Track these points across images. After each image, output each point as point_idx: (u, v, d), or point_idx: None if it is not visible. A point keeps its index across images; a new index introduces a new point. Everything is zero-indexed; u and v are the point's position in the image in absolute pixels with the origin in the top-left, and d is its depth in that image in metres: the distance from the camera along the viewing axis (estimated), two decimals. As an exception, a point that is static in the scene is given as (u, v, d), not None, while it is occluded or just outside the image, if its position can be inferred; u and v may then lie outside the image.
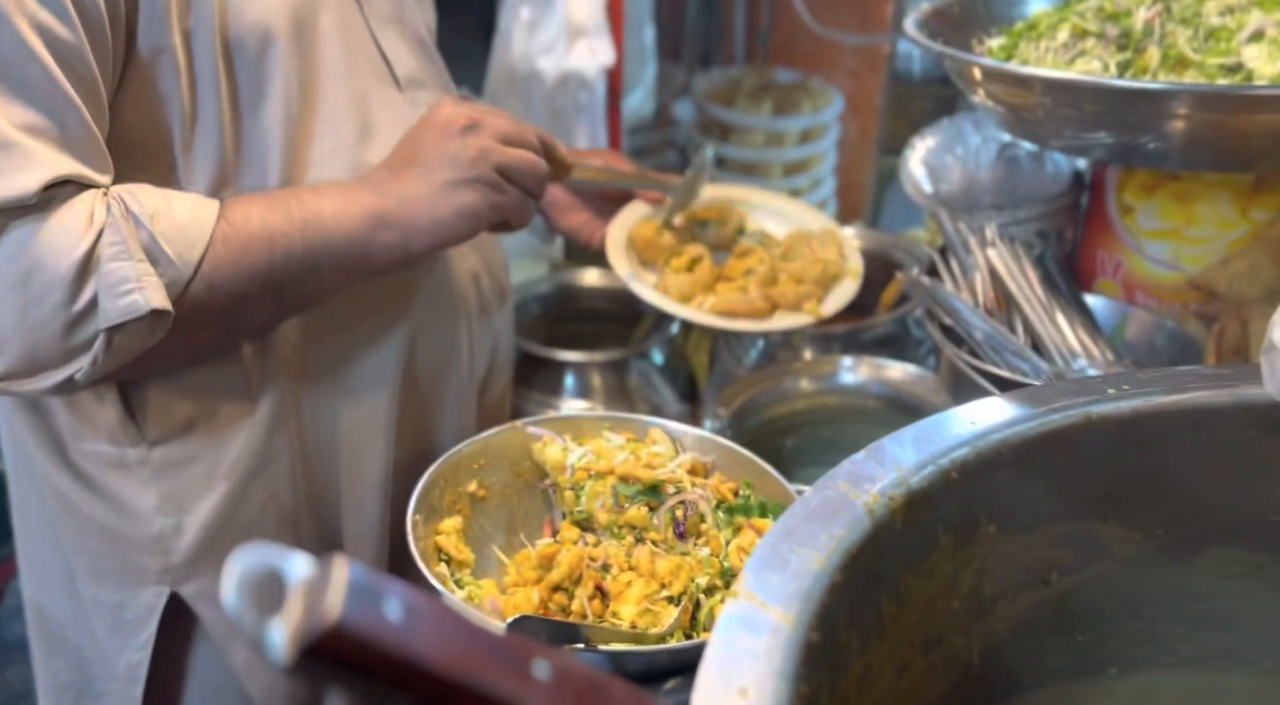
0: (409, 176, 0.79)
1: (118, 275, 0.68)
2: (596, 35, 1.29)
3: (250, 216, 0.74)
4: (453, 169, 0.78)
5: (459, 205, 0.79)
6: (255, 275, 0.74)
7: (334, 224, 0.76)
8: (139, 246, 0.70)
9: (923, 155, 1.08)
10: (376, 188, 0.78)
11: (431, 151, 0.79)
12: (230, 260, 0.73)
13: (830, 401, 1.06)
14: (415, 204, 0.78)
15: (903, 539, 0.53)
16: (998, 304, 0.96)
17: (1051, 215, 1.00)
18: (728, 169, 1.84)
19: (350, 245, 0.77)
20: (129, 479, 0.85)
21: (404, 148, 0.81)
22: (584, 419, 0.82)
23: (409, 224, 0.78)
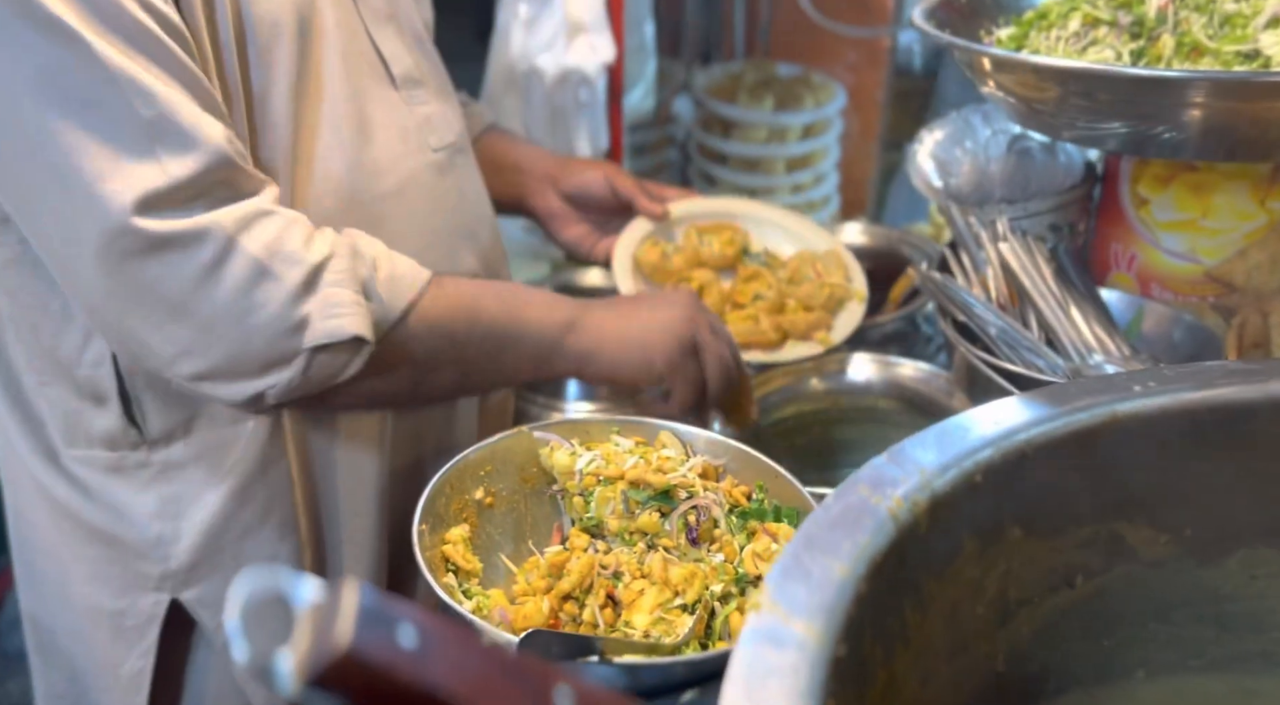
0: (616, 314, 0.85)
1: (335, 299, 0.71)
2: (596, 31, 1.27)
3: (462, 288, 0.80)
4: (661, 325, 0.84)
5: (647, 343, 0.84)
6: (454, 339, 0.79)
7: (536, 321, 0.82)
8: (358, 281, 0.73)
9: (931, 149, 1.06)
10: (581, 308, 0.84)
11: (649, 312, 0.86)
12: (433, 317, 0.77)
13: (841, 401, 1.04)
14: (610, 329, 0.83)
15: (927, 544, 0.51)
16: (1011, 299, 0.94)
17: (1064, 208, 0.98)
18: (729, 166, 1.82)
19: (541, 342, 0.82)
20: (127, 483, 0.84)
21: (620, 303, 0.88)
22: (592, 423, 0.81)
23: (596, 343, 0.83)
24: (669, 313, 0.85)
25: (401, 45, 0.89)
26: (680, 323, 0.85)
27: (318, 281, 0.71)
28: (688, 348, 0.85)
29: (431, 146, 0.91)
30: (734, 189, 1.83)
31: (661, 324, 0.85)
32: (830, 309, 1.06)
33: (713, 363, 0.87)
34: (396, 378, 0.78)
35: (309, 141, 0.80)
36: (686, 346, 0.85)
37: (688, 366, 0.86)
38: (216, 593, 0.88)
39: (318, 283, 0.71)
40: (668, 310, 0.85)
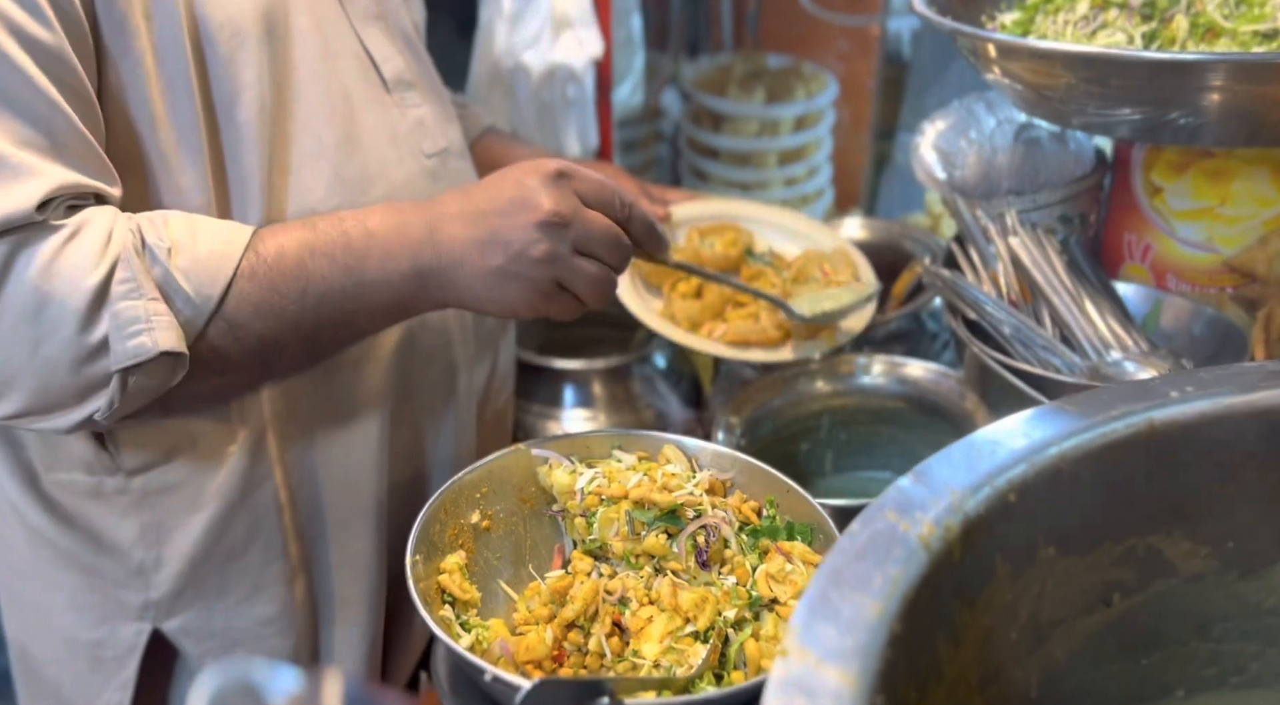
0: (470, 237, 0.71)
1: (127, 315, 0.64)
2: (583, 26, 1.23)
3: (285, 251, 0.69)
4: (512, 260, 0.70)
5: (503, 296, 0.72)
6: (285, 316, 0.69)
7: (378, 272, 0.70)
8: (152, 283, 0.65)
9: (933, 140, 1.03)
10: (434, 233, 0.71)
11: (504, 225, 0.70)
12: (256, 299, 0.68)
13: (847, 403, 1.01)
14: (461, 271, 0.71)
15: (960, 572, 0.48)
16: (1023, 295, 0.90)
17: (1074, 199, 0.94)
18: (721, 160, 1.78)
19: (392, 295, 0.71)
20: (106, 509, 0.80)
21: (489, 193, 0.72)
22: (592, 438, 0.77)
23: (449, 287, 0.72)
24: (521, 243, 0.70)
25: (391, 46, 0.85)
26: (534, 265, 0.70)
27: (105, 297, 0.64)
28: (549, 292, 0.72)
29: (425, 152, 0.86)
30: (725, 184, 1.79)
31: (514, 269, 0.70)
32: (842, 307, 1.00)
33: (585, 288, 0.73)
34: (235, 368, 0.70)
35: (283, 153, 0.75)
36: (547, 292, 0.72)
37: (555, 306, 0.74)
38: (201, 622, 0.84)
39: (106, 299, 0.64)
40: (520, 237, 0.70)
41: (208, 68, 0.71)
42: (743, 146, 1.74)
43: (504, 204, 0.70)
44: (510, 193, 0.71)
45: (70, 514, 0.81)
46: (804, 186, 1.81)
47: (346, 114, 0.80)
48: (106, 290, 0.64)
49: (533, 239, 0.70)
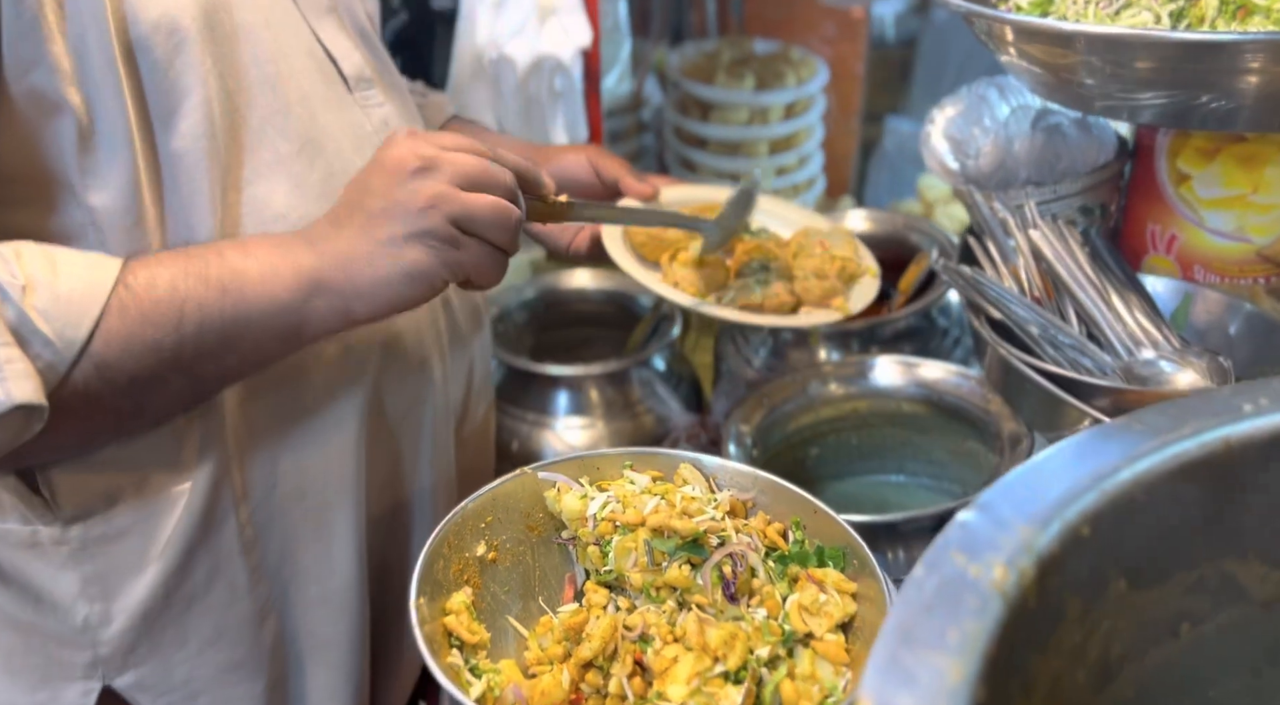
0: (351, 230, 0.65)
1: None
2: (569, 13, 1.17)
3: (157, 281, 0.62)
4: (399, 222, 0.65)
5: (405, 266, 0.65)
6: (160, 350, 0.62)
7: (260, 289, 0.64)
8: (4, 327, 0.57)
9: (944, 128, 0.98)
10: (313, 245, 0.65)
11: (376, 199, 0.65)
12: (127, 334, 0.60)
13: (860, 406, 0.96)
14: (355, 264, 0.65)
15: (1033, 617, 0.43)
16: (1045, 291, 0.86)
17: (1095, 188, 0.90)
18: (709, 150, 1.73)
19: (279, 314, 0.64)
20: (44, 562, 0.72)
21: (350, 192, 0.67)
22: (601, 458, 0.72)
23: (348, 289, 0.65)
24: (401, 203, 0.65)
25: (348, 41, 0.78)
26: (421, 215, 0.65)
27: None
28: (451, 239, 0.66)
29: None
30: (715, 173, 1.74)
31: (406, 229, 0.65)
32: (845, 281, 0.98)
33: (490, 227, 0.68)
34: (103, 412, 0.63)
35: (237, 165, 0.68)
36: (450, 238, 0.66)
37: (468, 256, 0.68)
38: (159, 675, 0.76)
39: None
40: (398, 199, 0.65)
41: (140, 75, 0.64)
42: (732, 135, 1.69)
43: (363, 185, 0.66)
44: (365, 173, 0.66)
45: (4, 569, 0.73)
46: (795, 175, 1.76)
47: (306, 118, 0.73)
48: None
49: (409, 190, 0.65)
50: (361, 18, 0.82)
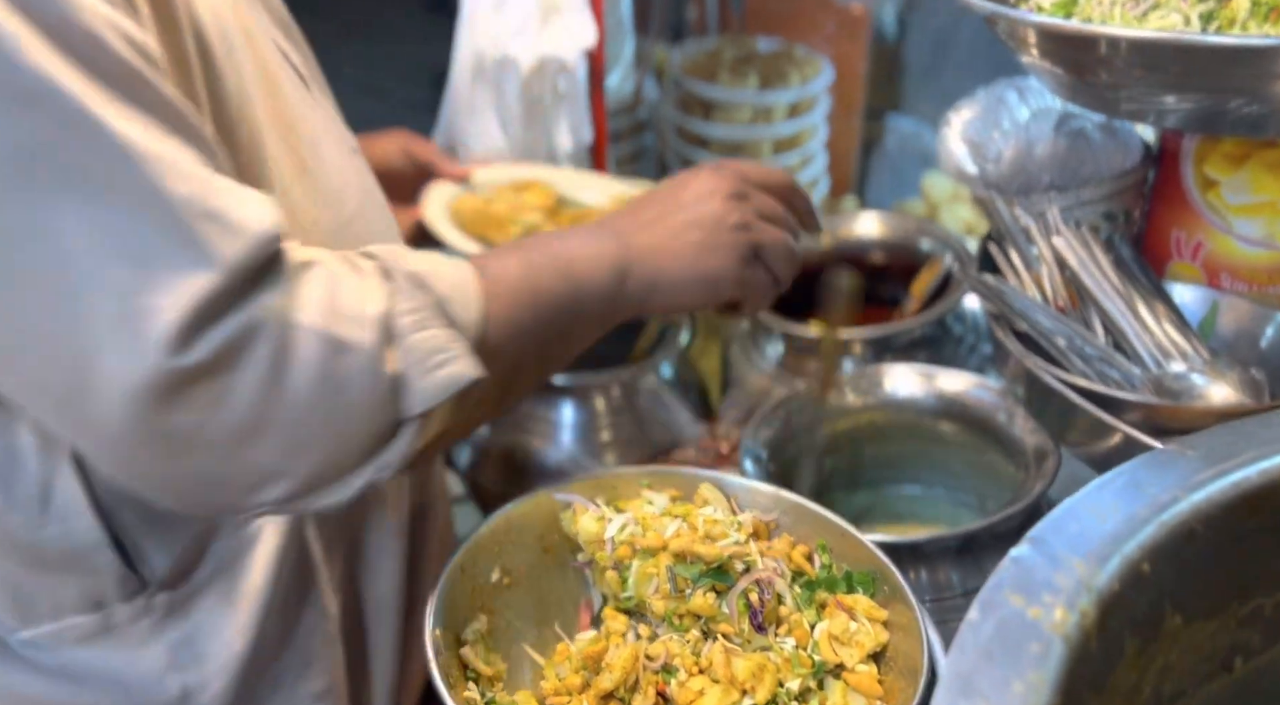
0: (660, 230, 0.71)
1: (430, 346, 0.56)
2: (573, 12, 1.14)
3: (508, 269, 0.64)
4: (711, 231, 0.72)
5: (708, 269, 0.71)
6: (526, 336, 0.64)
7: (589, 276, 0.67)
8: (438, 310, 0.57)
9: (962, 131, 0.95)
10: (620, 237, 0.70)
11: (690, 211, 0.72)
12: (503, 319, 0.62)
13: (877, 418, 0.94)
14: (662, 257, 0.70)
15: (1093, 659, 0.41)
16: (1070, 300, 0.84)
17: (1120, 194, 0.88)
18: (711, 149, 1.70)
19: (603, 299, 0.68)
20: (120, 645, 0.66)
21: (654, 204, 0.73)
22: (618, 476, 0.69)
23: (653, 279, 0.70)
24: (713, 216, 0.73)
25: (283, 35, 0.73)
26: (731, 231, 0.73)
27: (395, 329, 0.55)
28: (749, 259, 0.74)
29: (351, 147, 0.77)
30: (717, 174, 1.72)
31: (714, 240, 0.72)
32: None
33: (779, 260, 0.77)
34: (487, 401, 0.64)
35: (262, 177, 0.64)
36: (748, 258, 0.74)
37: (755, 277, 0.76)
38: None
39: (395, 331, 0.55)
40: (711, 212, 0.73)
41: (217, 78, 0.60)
42: (735, 135, 1.66)
43: (671, 198, 0.72)
44: (674, 189, 0.73)
45: (64, 668, 0.66)
46: (799, 175, 1.73)
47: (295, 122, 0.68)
48: (395, 321, 0.55)
49: (725, 209, 0.72)
50: (282, 8, 0.76)
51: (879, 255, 1.20)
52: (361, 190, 0.74)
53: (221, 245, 0.49)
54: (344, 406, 0.53)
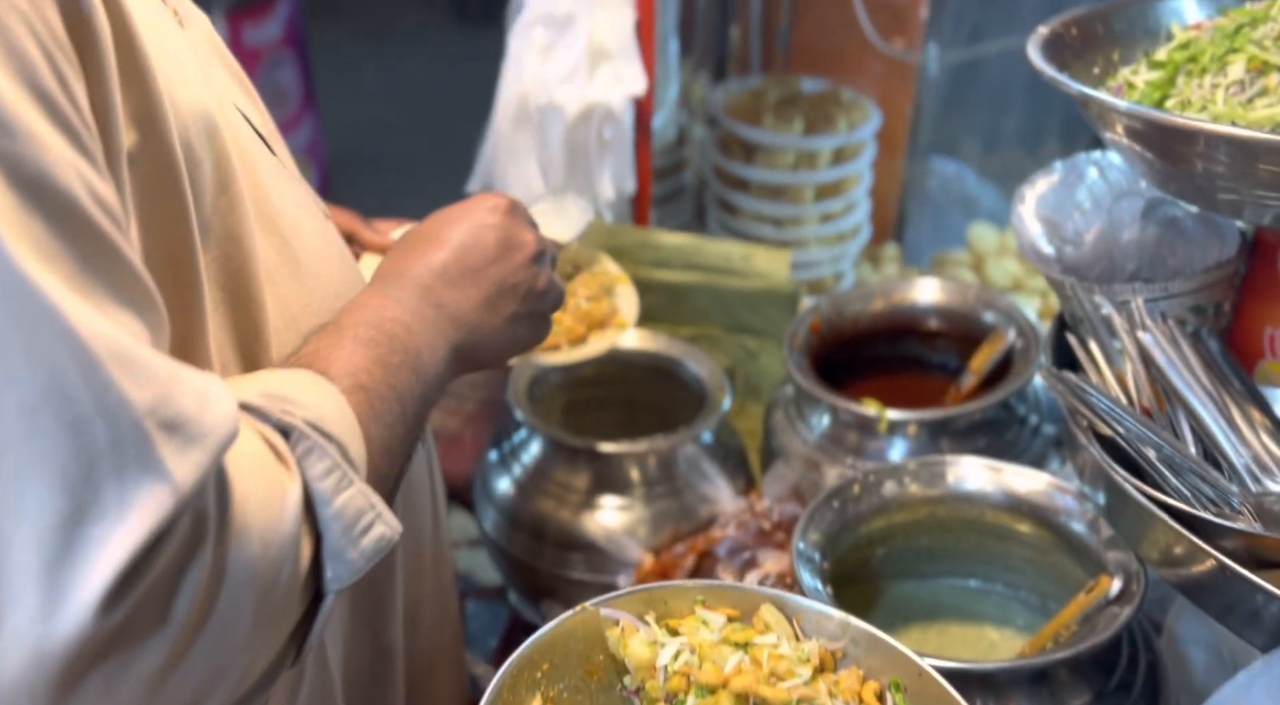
0: (476, 298, 0.67)
1: (352, 509, 0.50)
2: (623, 59, 1.09)
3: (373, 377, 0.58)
4: (522, 301, 0.70)
5: (521, 340, 0.71)
6: (396, 444, 0.59)
7: (434, 367, 0.63)
8: (346, 461, 0.51)
9: (1036, 207, 0.90)
10: (451, 318, 0.66)
11: (505, 274, 0.69)
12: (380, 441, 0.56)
13: (939, 511, 0.88)
14: (483, 334, 0.68)
15: None
16: (1156, 400, 0.78)
17: (1212, 287, 0.82)
18: (752, 193, 1.65)
19: (441, 385, 0.65)
20: None
21: (460, 255, 0.68)
22: (669, 590, 0.64)
23: (476, 358, 0.69)
24: (526, 285, 0.70)
25: (242, 93, 0.66)
26: (541, 298, 0.72)
27: (313, 498, 0.49)
28: (550, 317, 0.75)
29: (321, 211, 0.71)
30: (756, 218, 1.66)
31: (528, 310, 0.71)
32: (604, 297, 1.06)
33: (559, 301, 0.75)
34: None
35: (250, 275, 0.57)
36: (549, 317, 0.75)
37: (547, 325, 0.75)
38: None
39: (314, 500, 0.49)
40: (524, 279, 0.70)
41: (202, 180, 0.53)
42: (777, 179, 1.61)
43: (491, 251, 0.69)
44: (491, 237, 0.69)
45: None
46: (840, 223, 1.68)
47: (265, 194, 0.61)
48: (311, 490, 0.49)
49: (532, 274, 0.70)
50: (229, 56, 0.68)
51: (935, 322, 1.15)
52: (340, 259, 0.68)
53: (181, 461, 0.40)
54: (269, 611, 0.47)
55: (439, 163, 2.55)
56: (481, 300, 0.67)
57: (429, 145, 3.41)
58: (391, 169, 3.33)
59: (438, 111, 3.53)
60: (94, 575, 0.38)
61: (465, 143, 1.61)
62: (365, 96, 3.68)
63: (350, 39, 4.12)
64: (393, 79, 3.86)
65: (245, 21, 2.91)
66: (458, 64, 3.73)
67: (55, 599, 0.38)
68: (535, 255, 0.70)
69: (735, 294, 1.23)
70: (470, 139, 1.31)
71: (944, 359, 1.19)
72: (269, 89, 2.97)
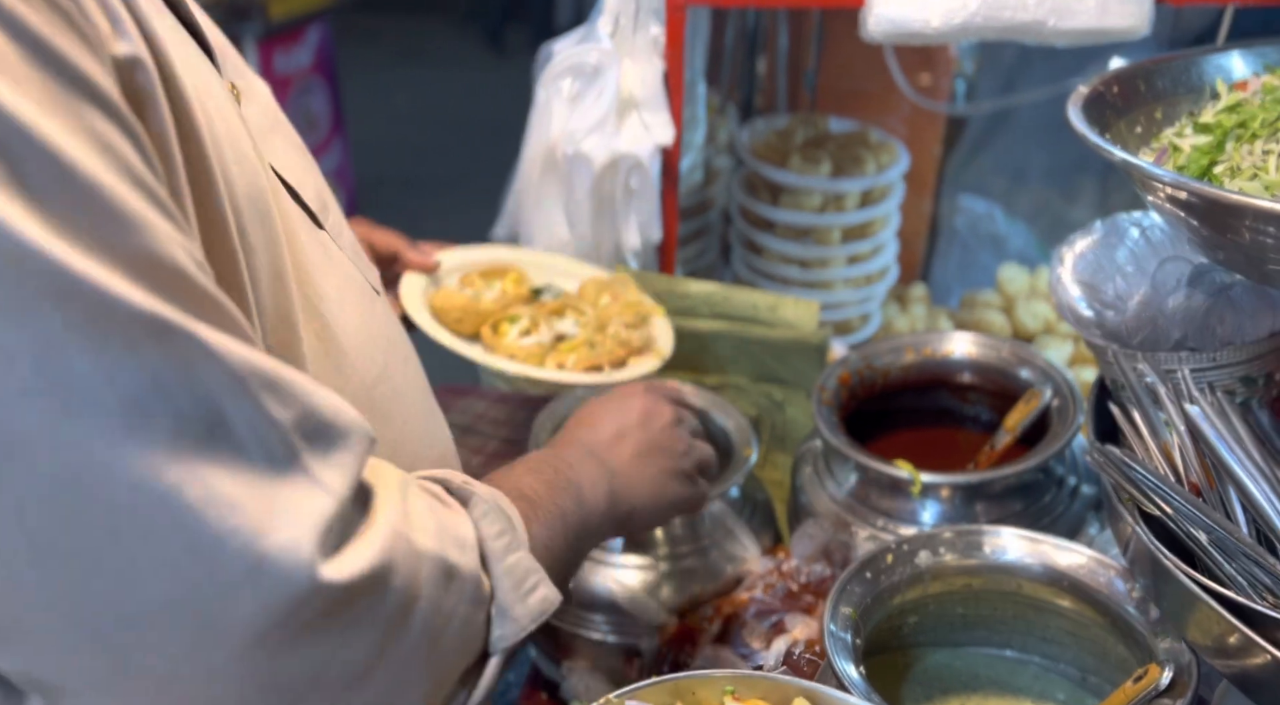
0: (627, 453, 0.79)
1: (520, 570, 0.57)
2: (651, 109, 1.08)
3: (537, 491, 0.66)
4: (670, 459, 0.81)
5: (673, 496, 0.81)
6: (556, 556, 0.65)
7: (594, 502, 0.72)
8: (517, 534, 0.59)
9: (1076, 269, 0.87)
10: (604, 462, 0.77)
11: (646, 434, 0.80)
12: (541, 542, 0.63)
13: (975, 582, 0.85)
14: (638, 485, 0.78)
15: None
16: (1205, 477, 0.75)
17: (1262, 357, 0.79)
18: (778, 234, 1.63)
19: (602, 522, 0.74)
20: None
21: (609, 419, 0.81)
22: (698, 681, 0.61)
23: (632, 505, 0.77)
24: (668, 443, 0.83)
25: (298, 162, 0.66)
26: (682, 458, 0.83)
27: (487, 554, 0.55)
28: (694, 477, 0.86)
29: (373, 288, 0.70)
30: (783, 259, 1.65)
31: (673, 467, 0.82)
32: (641, 323, 1.09)
33: (707, 465, 0.89)
34: None
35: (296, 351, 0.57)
36: (693, 476, 0.85)
37: (698, 493, 0.87)
38: None
39: (487, 556, 0.55)
40: (666, 439, 0.83)
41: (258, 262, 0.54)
42: (804, 221, 1.59)
43: (635, 417, 0.81)
44: (635, 406, 0.82)
45: None
46: (868, 264, 1.66)
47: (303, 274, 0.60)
48: (484, 546, 0.56)
49: (675, 435, 0.82)
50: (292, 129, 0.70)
51: (968, 376, 1.12)
52: (386, 342, 0.68)
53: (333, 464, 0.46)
54: (447, 639, 0.51)
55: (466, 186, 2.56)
56: (631, 455, 0.77)
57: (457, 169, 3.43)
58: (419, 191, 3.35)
59: (467, 136, 3.55)
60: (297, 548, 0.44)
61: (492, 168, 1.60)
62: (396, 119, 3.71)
63: (384, 63, 4.15)
64: (424, 103, 3.89)
65: (276, 49, 2.94)
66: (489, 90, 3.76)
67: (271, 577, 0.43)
68: (674, 420, 0.82)
69: (762, 343, 1.21)
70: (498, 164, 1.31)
71: (977, 412, 1.16)
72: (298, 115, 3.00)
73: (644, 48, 1.07)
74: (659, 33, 1.07)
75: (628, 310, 1.10)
